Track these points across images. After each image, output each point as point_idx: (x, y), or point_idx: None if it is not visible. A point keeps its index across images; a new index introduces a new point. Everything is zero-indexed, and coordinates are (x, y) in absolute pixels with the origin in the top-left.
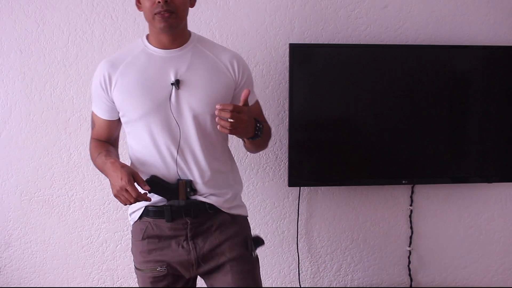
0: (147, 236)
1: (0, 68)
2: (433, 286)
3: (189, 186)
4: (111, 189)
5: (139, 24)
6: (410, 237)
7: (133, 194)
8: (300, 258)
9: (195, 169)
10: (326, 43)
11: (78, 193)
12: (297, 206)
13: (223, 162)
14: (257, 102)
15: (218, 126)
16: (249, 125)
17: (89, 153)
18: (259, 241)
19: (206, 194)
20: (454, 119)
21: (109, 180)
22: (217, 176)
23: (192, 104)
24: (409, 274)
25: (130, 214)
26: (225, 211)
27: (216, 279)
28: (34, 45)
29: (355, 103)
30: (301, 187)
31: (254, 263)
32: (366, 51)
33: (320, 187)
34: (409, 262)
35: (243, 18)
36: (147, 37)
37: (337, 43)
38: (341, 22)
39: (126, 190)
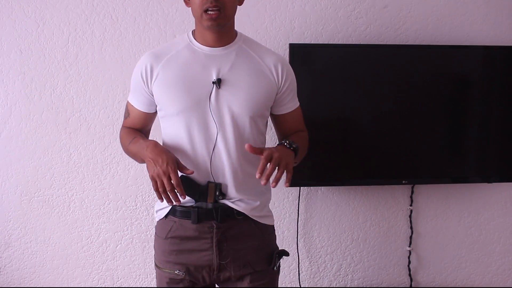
0: (171, 236)
1: (0, 68)
2: (433, 286)
3: (219, 189)
4: (147, 171)
5: (139, 24)
6: (410, 237)
7: (175, 182)
8: (300, 258)
9: (229, 171)
10: (326, 43)
11: (78, 193)
12: (297, 206)
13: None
14: (298, 109)
15: (272, 185)
16: (286, 153)
17: (119, 140)
18: (283, 253)
19: (234, 200)
20: (454, 119)
21: (147, 162)
22: (249, 180)
23: (232, 104)
24: (409, 274)
25: (157, 211)
26: (254, 218)
27: None
28: (34, 45)
29: (355, 103)
30: (301, 187)
31: (274, 276)
32: (366, 51)
33: (320, 187)
34: (409, 262)
35: (243, 18)
36: (193, 32)
37: (337, 43)
38: (341, 22)
39: (169, 177)
